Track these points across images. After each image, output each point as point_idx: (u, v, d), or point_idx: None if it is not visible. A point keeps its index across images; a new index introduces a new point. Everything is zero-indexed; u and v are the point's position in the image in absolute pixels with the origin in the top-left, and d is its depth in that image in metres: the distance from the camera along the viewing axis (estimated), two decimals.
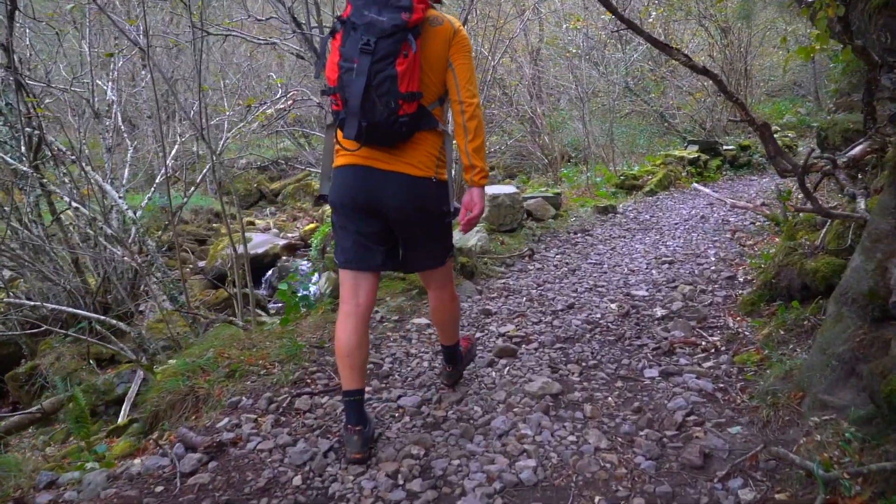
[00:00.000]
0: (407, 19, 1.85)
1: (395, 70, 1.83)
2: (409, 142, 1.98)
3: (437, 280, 2.26)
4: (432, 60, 1.98)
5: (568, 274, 4.72)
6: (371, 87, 1.83)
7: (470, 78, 2.02)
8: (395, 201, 1.99)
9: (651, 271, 4.74)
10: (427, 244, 2.14)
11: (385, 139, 1.93)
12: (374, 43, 1.83)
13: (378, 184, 1.98)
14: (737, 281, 4.35)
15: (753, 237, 5.71)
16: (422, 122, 1.98)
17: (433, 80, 2.00)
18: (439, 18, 2.00)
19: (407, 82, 1.86)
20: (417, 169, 1.99)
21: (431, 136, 2.03)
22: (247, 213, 19.61)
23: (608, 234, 6.25)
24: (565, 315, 3.69)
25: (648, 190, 8.87)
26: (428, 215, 2.06)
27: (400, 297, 3.85)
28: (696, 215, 7.12)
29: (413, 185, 1.99)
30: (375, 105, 1.84)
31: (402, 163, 1.98)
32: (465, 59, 2.02)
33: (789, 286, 3.23)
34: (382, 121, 1.87)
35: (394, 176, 1.98)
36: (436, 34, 1.98)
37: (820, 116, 16.82)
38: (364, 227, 2.04)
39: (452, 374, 2.59)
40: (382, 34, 1.83)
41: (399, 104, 1.86)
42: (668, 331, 3.33)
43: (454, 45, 2.00)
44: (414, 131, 1.96)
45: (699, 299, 3.94)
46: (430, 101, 2.02)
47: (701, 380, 2.63)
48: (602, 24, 9.92)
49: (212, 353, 2.86)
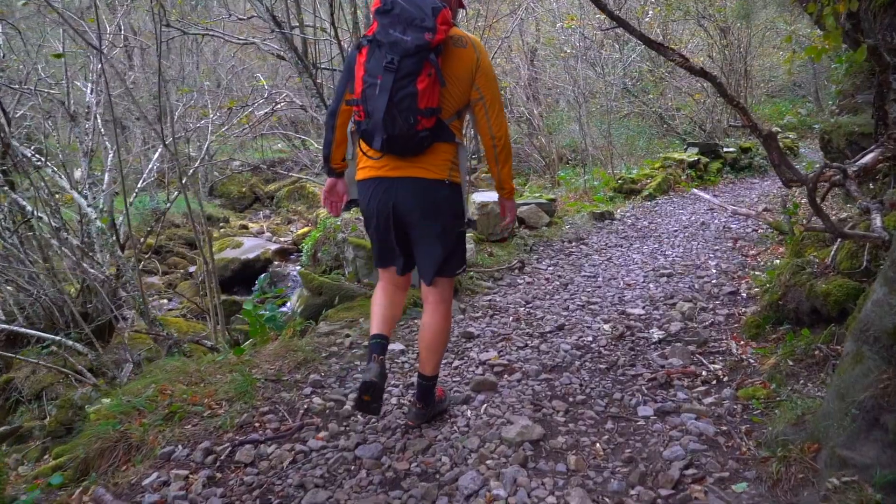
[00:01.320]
0: (430, 39, 1.92)
1: (416, 88, 1.93)
2: (427, 151, 2.07)
3: (437, 294, 2.25)
4: (454, 78, 2.05)
5: (560, 289, 4.42)
6: (393, 102, 1.92)
7: (499, 111, 2.14)
8: (409, 203, 2.09)
9: (648, 285, 4.44)
10: (437, 247, 2.17)
11: (404, 150, 2.04)
12: (398, 61, 1.91)
13: (395, 191, 2.09)
14: (739, 297, 4.05)
15: (756, 246, 5.41)
16: (440, 135, 2.07)
17: (453, 97, 2.08)
18: (463, 40, 2.07)
19: (426, 99, 1.95)
20: (431, 172, 2.09)
21: (447, 145, 2.12)
22: (241, 216, 19.33)
23: (604, 243, 5.95)
24: (554, 338, 3.39)
25: (647, 194, 8.57)
26: (441, 216, 2.13)
27: None
28: (696, 222, 6.82)
29: (427, 187, 2.09)
30: (396, 119, 1.94)
31: (417, 168, 2.08)
32: (493, 89, 2.12)
33: (797, 309, 2.93)
34: (402, 134, 1.97)
35: (409, 180, 2.08)
36: (459, 55, 2.05)
37: (820, 117, 16.53)
38: (387, 235, 2.18)
39: (420, 413, 2.37)
40: (406, 53, 1.91)
41: (418, 119, 1.96)
42: (665, 357, 3.03)
43: (481, 74, 2.09)
44: (432, 143, 2.06)
45: (699, 318, 3.65)
46: (449, 116, 2.09)
47: (701, 421, 2.33)
48: (598, 23, 9.63)
49: (153, 389, 2.56)
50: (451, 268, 2.23)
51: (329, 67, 7.46)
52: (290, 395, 2.61)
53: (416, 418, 2.35)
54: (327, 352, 3.13)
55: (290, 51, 6.66)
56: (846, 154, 6.85)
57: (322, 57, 7.89)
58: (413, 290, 3.90)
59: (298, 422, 2.38)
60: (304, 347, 3.04)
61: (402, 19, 1.94)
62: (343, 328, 3.49)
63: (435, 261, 2.18)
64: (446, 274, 2.24)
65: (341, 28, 7.90)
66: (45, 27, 8.99)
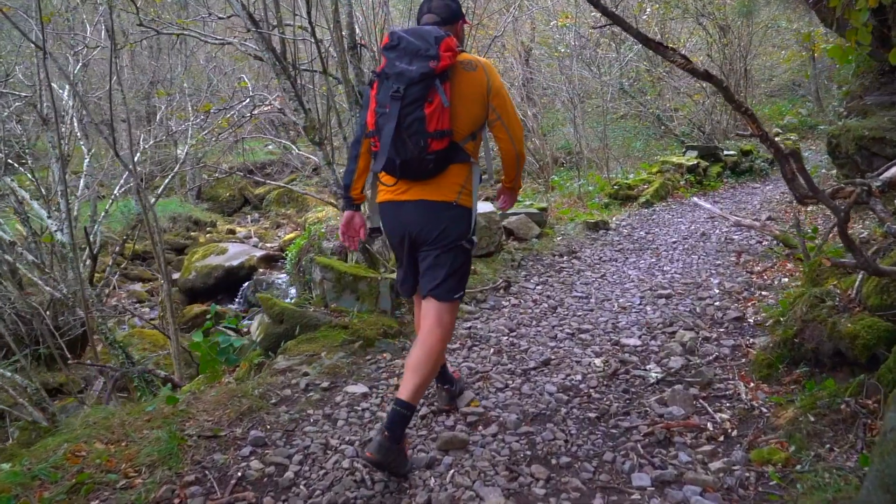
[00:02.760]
0: (434, 67, 2.00)
1: (423, 112, 2.00)
2: (441, 174, 2.13)
3: (435, 317, 2.21)
4: (466, 101, 2.11)
5: (548, 312, 4.03)
6: (401, 128, 2.01)
7: (517, 129, 2.20)
8: (417, 225, 2.16)
9: (645, 308, 4.06)
10: (439, 267, 2.19)
11: (418, 173, 2.10)
12: (404, 90, 2.00)
13: (406, 214, 2.17)
14: (746, 323, 3.66)
15: (762, 262, 5.02)
16: (454, 156, 2.13)
17: (465, 119, 2.13)
18: (472, 63, 2.14)
19: (435, 122, 2.01)
20: (439, 195, 2.14)
21: (461, 167, 2.17)
22: (229, 220, 18.90)
23: (598, 257, 5.56)
24: (539, 376, 3.00)
25: (644, 201, 8.19)
26: (445, 237, 2.16)
27: (338, 353, 3.16)
28: (696, 232, 6.44)
29: (433, 209, 2.14)
30: (406, 144, 2.02)
31: (427, 191, 2.14)
32: (508, 108, 2.18)
33: (817, 350, 2.55)
34: (413, 157, 2.04)
35: (417, 202, 2.15)
36: (469, 78, 2.12)
37: (821, 117, 16.18)
38: (403, 256, 2.27)
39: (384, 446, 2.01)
40: (411, 82, 2.00)
41: (428, 142, 2.03)
42: (664, 402, 2.64)
43: (494, 95, 2.14)
44: (447, 164, 2.11)
45: (702, 350, 3.26)
46: (462, 137, 2.14)
47: (707, 497, 1.95)
48: (594, 21, 9.24)
49: (65, 449, 2.17)
50: (450, 290, 2.21)
51: (309, 69, 7.07)
52: (225, 457, 2.22)
53: (379, 452, 1.96)
54: (278, 396, 2.74)
55: (267, 51, 6.27)
56: (856, 160, 6.48)
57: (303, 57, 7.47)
58: (384, 318, 3.51)
59: (227, 496, 1.99)
60: (250, 392, 2.65)
61: (408, 52, 2.04)
62: (302, 364, 3.10)
63: (436, 280, 2.19)
64: (445, 297, 2.20)
65: (320, 26, 7.51)
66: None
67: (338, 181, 6.77)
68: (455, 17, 2.26)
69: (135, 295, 11.94)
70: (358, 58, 6.82)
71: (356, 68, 6.80)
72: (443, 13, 2.22)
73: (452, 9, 2.25)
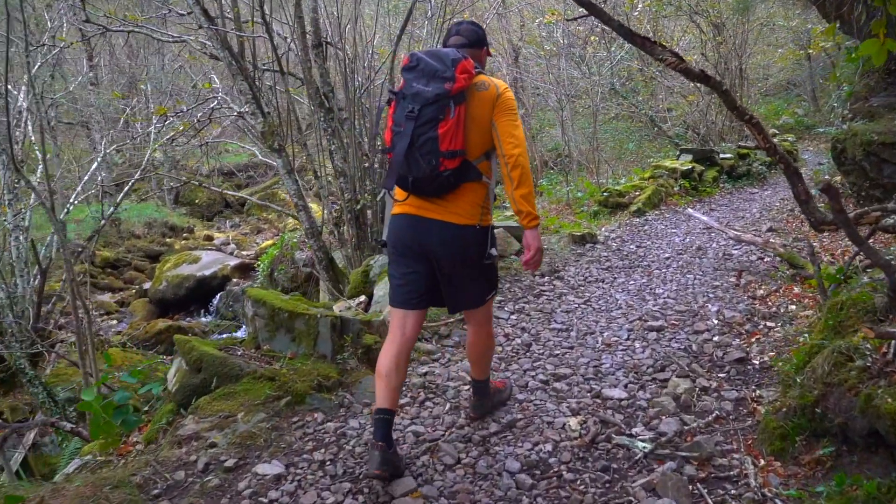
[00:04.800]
0: (449, 88, 2.05)
1: (437, 132, 2.05)
2: (455, 192, 2.16)
3: (478, 318, 2.39)
4: (478, 121, 2.15)
5: (521, 351, 3.48)
6: (414, 147, 2.06)
7: (510, 132, 2.15)
8: (441, 249, 2.18)
9: (633, 344, 3.51)
10: (470, 286, 2.30)
11: (430, 191, 2.15)
12: (419, 110, 2.06)
13: (426, 231, 2.19)
14: (750, 366, 3.12)
15: (765, 284, 4.48)
16: (467, 175, 2.17)
17: (478, 138, 2.17)
18: (486, 83, 2.18)
19: (448, 142, 2.06)
20: (462, 218, 2.18)
21: (477, 186, 2.20)
22: (208, 225, 18.29)
23: (583, 277, 5.01)
24: (500, 445, 2.44)
25: (636, 209, 7.64)
26: (470, 260, 2.23)
27: (258, 414, 2.59)
28: (692, 246, 5.90)
29: (458, 234, 2.17)
30: (419, 162, 2.07)
31: (449, 213, 2.17)
32: (506, 117, 2.17)
33: (846, 426, 2.00)
34: (426, 175, 2.09)
35: (441, 224, 2.17)
36: (482, 98, 2.16)
37: (818, 118, 15.71)
38: (407, 269, 2.26)
39: (478, 404, 2.64)
40: (426, 102, 2.06)
41: (440, 161, 2.07)
42: (652, 490, 2.09)
43: (497, 108, 2.16)
44: (460, 183, 2.15)
45: (699, 405, 2.72)
46: (476, 157, 2.18)
47: None
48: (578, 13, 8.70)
49: None
50: (482, 298, 2.34)
51: (271, 69, 6.50)
52: None
53: (476, 410, 2.64)
54: (165, 482, 2.16)
55: (223, 49, 5.69)
56: (864, 167, 5.95)
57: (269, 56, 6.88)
58: (322, 365, 2.95)
59: None
60: (126, 481, 2.08)
61: (426, 73, 2.09)
62: (212, 429, 2.54)
63: (468, 299, 2.32)
64: (483, 302, 2.35)
65: (280, 21, 6.92)
66: None
67: (299, 190, 6.21)
68: (480, 42, 2.34)
69: (103, 306, 11.33)
70: (323, 57, 6.26)
71: (321, 68, 6.23)
72: (470, 37, 2.31)
73: (479, 35, 2.34)
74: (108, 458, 2.67)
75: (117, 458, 2.69)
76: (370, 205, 5.90)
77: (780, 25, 14.44)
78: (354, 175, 5.94)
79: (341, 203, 5.90)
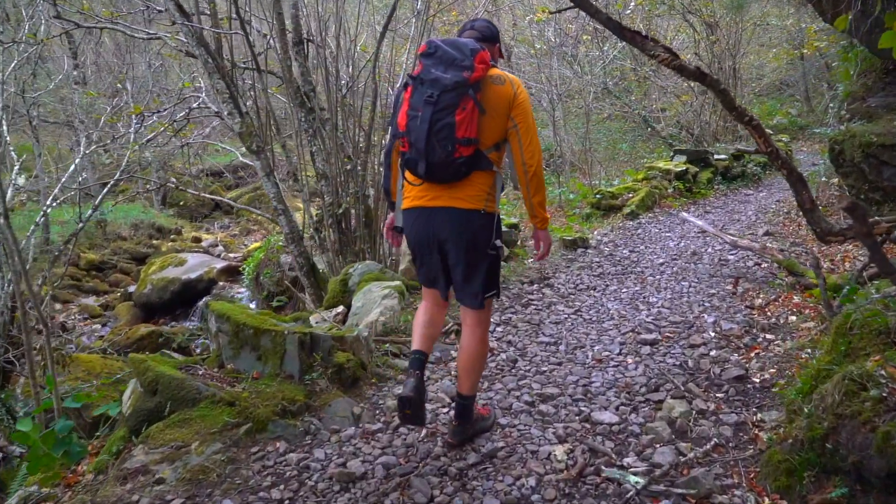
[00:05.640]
0: (468, 77, 2.09)
1: (454, 119, 2.09)
2: (465, 180, 2.21)
3: (474, 317, 2.36)
4: (492, 113, 2.18)
5: (506, 368, 3.26)
6: (431, 132, 2.10)
7: (532, 140, 2.23)
8: (446, 232, 2.24)
9: (625, 360, 3.29)
10: (473, 275, 2.28)
11: (444, 177, 2.19)
12: (438, 96, 2.10)
13: (435, 220, 2.25)
14: (750, 385, 2.91)
15: (763, 292, 4.28)
16: (479, 164, 2.21)
17: (491, 130, 2.20)
18: (501, 78, 2.21)
19: (464, 129, 2.10)
20: (467, 202, 2.22)
21: (486, 175, 2.24)
22: (197, 226, 18.00)
23: (574, 285, 4.79)
24: (479, 479, 2.22)
25: (629, 212, 7.44)
26: (475, 244, 2.25)
27: (214, 443, 2.36)
28: (686, 250, 5.70)
29: (463, 217, 2.21)
30: (436, 148, 2.11)
31: (455, 199, 2.22)
32: (527, 120, 2.22)
33: (861, 465, 1.79)
34: (441, 161, 2.13)
35: (447, 210, 2.22)
36: (497, 92, 2.19)
37: (811, 118, 15.57)
38: (429, 260, 2.34)
39: (458, 430, 2.45)
40: (445, 89, 2.09)
41: (456, 147, 2.11)
42: None
43: (516, 108, 2.21)
44: (471, 171, 2.20)
45: (697, 431, 2.50)
46: (487, 147, 2.22)
47: None
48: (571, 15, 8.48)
49: None
50: (479, 298, 2.31)
51: (248, 66, 6.25)
52: None
53: (455, 436, 2.42)
54: None
55: (199, 46, 5.44)
56: (863, 169, 5.76)
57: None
58: (289, 386, 2.72)
59: None
60: None
61: (444, 60, 2.13)
62: (162, 461, 2.30)
63: (471, 287, 2.30)
64: (481, 303, 2.32)
65: (259, 18, 6.68)
66: None
67: (278, 194, 5.95)
68: (493, 38, 2.39)
69: (87, 310, 11.05)
70: (304, 55, 6.02)
71: (302, 66, 5.99)
72: (485, 32, 2.37)
73: (493, 31, 2.40)
74: (52, 489, 2.43)
75: (63, 489, 2.46)
76: (353, 208, 5.66)
77: (774, 25, 14.28)
78: (337, 177, 5.71)
79: (322, 207, 5.67)
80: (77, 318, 11.14)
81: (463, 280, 2.29)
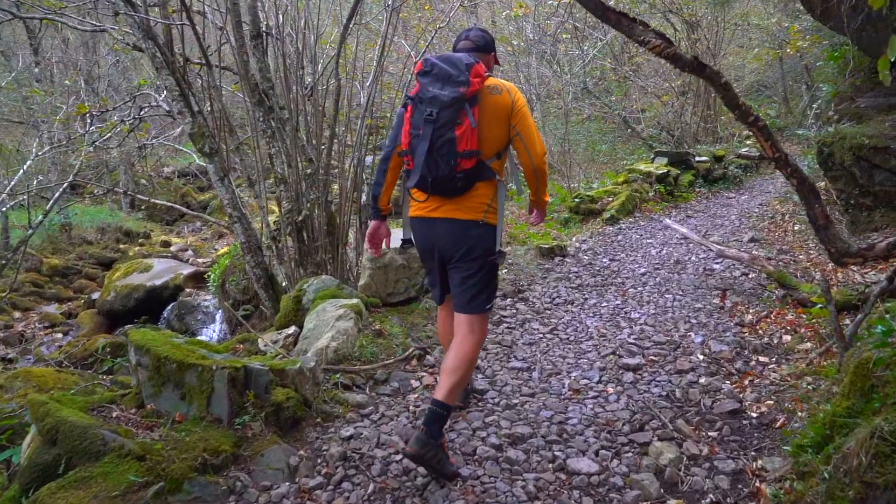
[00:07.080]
0: (464, 92, 2.14)
1: (454, 134, 2.15)
2: (468, 192, 2.26)
3: (468, 326, 2.33)
4: (491, 123, 2.24)
5: (472, 401, 2.88)
6: (433, 148, 2.17)
7: (537, 142, 2.30)
8: (446, 242, 2.31)
9: (605, 390, 2.94)
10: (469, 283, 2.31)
11: (447, 190, 2.24)
12: (437, 113, 2.15)
13: (437, 231, 2.32)
14: (746, 421, 2.58)
15: (753, 306, 3.96)
16: (481, 175, 2.26)
17: (491, 139, 2.26)
18: (499, 88, 2.27)
19: (464, 143, 2.16)
20: (467, 213, 2.27)
21: (488, 185, 2.30)
22: (168, 230, 17.41)
23: (550, 298, 4.44)
24: None
25: (609, 217, 7.13)
26: (473, 254, 2.29)
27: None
28: (669, 259, 5.39)
29: (461, 228, 2.27)
30: (438, 163, 2.17)
31: (457, 210, 2.28)
32: (528, 125, 2.28)
33: None
34: (444, 175, 2.18)
35: (446, 221, 2.29)
36: (495, 101, 2.25)
37: (790, 119, 15.47)
38: (434, 267, 2.43)
39: (422, 439, 2.13)
40: (443, 106, 2.15)
41: (458, 161, 2.17)
42: None
43: (516, 115, 2.27)
44: (474, 182, 2.25)
45: (689, 484, 2.15)
46: (489, 157, 2.28)
47: None
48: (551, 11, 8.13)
49: None
50: (481, 304, 2.33)
51: (202, 62, 5.79)
52: None
53: (417, 444, 2.13)
54: None
55: (146, 39, 4.99)
56: (853, 173, 5.49)
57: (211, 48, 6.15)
58: (215, 431, 2.31)
59: None
60: None
61: (440, 77, 2.18)
62: None
63: (467, 296, 2.32)
64: (477, 310, 2.32)
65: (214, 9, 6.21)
66: None
67: (233, 199, 5.51)
68: (488, 47, 2.45)
69: (48, 318, 10.46)
70: (263, 50, 5.59)
71: (260, 62, 5.55)
72: (479, 42, 2.42)
73: (487, 40, 2.45)
74: None
75: None
76: (315, 215, 5.25)
77: (755, 25, 14.13)
78: (297, 182, 5.28)
79: (280, 214, 5.24)
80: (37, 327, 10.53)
81: (458, 287, 2.33)
